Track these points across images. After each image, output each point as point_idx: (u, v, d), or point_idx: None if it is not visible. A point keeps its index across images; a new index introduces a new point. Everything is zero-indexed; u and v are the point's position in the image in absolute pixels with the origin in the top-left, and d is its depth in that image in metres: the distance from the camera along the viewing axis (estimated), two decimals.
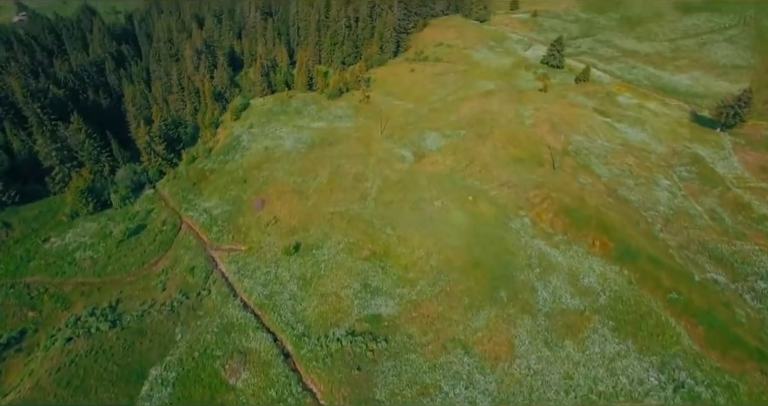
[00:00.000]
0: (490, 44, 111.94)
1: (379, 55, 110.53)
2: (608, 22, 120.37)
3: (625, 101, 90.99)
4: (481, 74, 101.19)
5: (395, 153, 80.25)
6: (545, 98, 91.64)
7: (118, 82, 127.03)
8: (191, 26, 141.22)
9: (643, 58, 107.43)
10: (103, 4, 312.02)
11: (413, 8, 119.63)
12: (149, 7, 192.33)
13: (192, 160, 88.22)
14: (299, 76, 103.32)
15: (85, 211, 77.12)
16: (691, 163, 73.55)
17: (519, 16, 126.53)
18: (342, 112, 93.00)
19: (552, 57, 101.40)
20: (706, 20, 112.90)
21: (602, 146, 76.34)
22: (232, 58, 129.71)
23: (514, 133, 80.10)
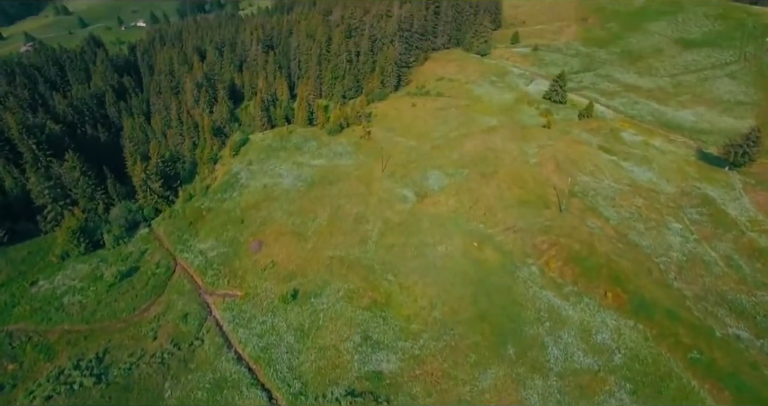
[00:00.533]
0: (492, 79, 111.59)
1: (380, 89, 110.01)
2: (609, 57, 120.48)
3: (630, 138, 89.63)
4: (484, 110, 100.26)
5: (397, 193, 78.25)
6: (549, 135, 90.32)
7: (117, 114, 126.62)
8: (192, 59, 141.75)
9: (645, 93, 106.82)
10: (108, 35, 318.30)
11: (414, 42, 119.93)
12: (152, 39, 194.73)
13: (189, 198, 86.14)
14: (299, 110, 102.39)
15: (77, 251, 74.51)
16: (701, 204, 71.43)
17: (520, 50, 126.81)
18: (342, 148, 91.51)
19: (554, 92, 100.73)
20: (706, 56, 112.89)
21: (609, 187, 74.38)
22: (232, 91, 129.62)
23: (518, 173, 78.29)
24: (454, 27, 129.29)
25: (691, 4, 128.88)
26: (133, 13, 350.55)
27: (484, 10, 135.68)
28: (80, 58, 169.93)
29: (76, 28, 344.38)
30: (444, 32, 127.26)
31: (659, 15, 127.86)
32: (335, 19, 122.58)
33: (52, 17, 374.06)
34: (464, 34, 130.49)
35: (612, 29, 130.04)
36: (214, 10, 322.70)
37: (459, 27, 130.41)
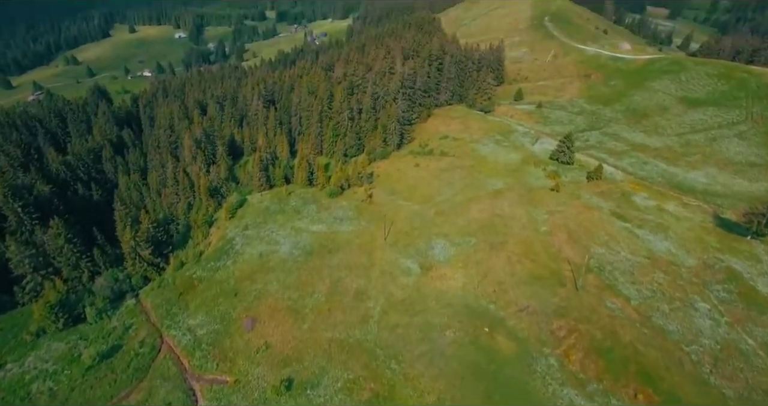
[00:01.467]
0: (497, 138, 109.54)
1: (383, 147, 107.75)
2: (614, 115, 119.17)
3: (643, 202, 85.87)
4: (489, 171, 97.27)
5: (400, 264, 73.60)
6: (558, 199, 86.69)
7: (114, 170, 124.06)
8: (193, 113, 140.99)
9: (653, 153, 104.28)
10: (114, 84, 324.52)
11: (417, 99, 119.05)
12: (155, 90, 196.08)
13: (180, 266, 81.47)
14: (299, 170, 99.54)
15: (54, 328, 69.03)
16: (727, 279, 66.52)
17: (524, 107, 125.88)
18: (343, 213, 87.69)
19: (562, 153, 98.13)
20: (712, 115, 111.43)
21: (626, 260, 69.74)
22: (232, 147, 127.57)
23: (529, 243, 73.93)
24: (457, 83, 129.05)
25: (692, 63, 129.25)
26: (140, 63, 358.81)
27: (487, 67, 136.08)
28: (82, 109, 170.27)
29: (84, 77, 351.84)
30: (447, 88, 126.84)
31: (662, 73, 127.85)
32: (337, 76, 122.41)
33: (62, 67, 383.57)
34: (467, 91, 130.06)
35: (616, 87, 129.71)
36: (218, 60, 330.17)
37: (462, 83, 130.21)
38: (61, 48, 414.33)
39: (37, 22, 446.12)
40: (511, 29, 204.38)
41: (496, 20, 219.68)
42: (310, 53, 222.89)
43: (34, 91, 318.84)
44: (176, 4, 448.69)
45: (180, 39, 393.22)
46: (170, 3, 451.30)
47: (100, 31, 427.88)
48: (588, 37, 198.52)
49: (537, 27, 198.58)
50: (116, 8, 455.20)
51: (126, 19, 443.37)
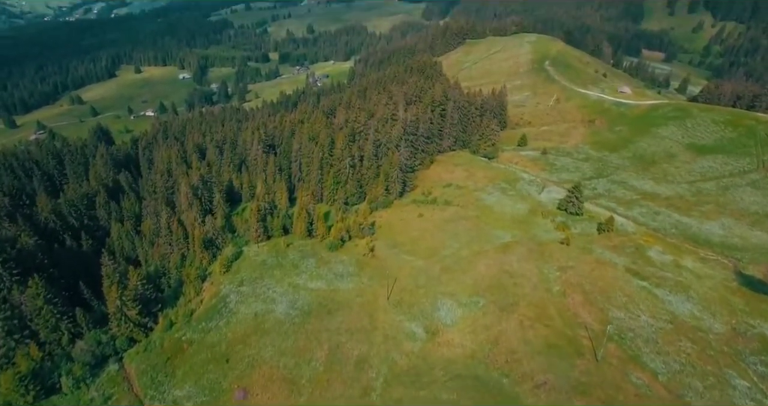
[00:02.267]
0: (502, 186, 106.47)
1: (385, 196, 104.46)
2: (621, 162, 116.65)
3: (659, 257, 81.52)
4: (496, 222, 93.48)
5: (404, 328, 68.51)
6: (569, 254, 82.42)
7: (107, 216, 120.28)
8: (192, 157, 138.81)
9: (664, 202, 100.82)
10: (116, 124, 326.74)
11: (420, 145, 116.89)
12: (156, 132, 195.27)
13: (169, 327, 76.27)
14: (298, 221, 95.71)
15: (23, 402, 63.10)
16: (763, 350, 61.26)
17: (528, 153, 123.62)
18: (343, 268, 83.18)
19: (570, 204, 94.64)
20: (722, 163, 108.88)
21: (648, 325, 64.70)
22: (230, 193, 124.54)
23: (542, 305, 69.10)
24: (460, 129, 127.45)
25: (697, 110, 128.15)
26: (143, 103, 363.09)
27: (490, 112, 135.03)
28: (80, 151, 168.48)
29: (87, 117, 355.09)
30: (450, 134, 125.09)
31: (667, 120, 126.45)
32: (339, 122, 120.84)
33: (66, 106, 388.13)
34: (470, 136, 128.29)
35: (621, 133, 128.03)
36: (220, 100, 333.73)
37: (465, 128, 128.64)
38: (67, 88, 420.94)
39: (47, 63, 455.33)
40: (512, 73, 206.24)
41: (496, 64, 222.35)
42: (312, 96, 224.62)
43: (37, 130, 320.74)
44: (181, 45, 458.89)
45: (184, 79, 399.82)
46: (176, 44, 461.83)
47: (106, 72, 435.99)
48: (588, 81, 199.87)
49: (538, 71, 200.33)
50: (123, 50, 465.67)
51: (132, 60, 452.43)
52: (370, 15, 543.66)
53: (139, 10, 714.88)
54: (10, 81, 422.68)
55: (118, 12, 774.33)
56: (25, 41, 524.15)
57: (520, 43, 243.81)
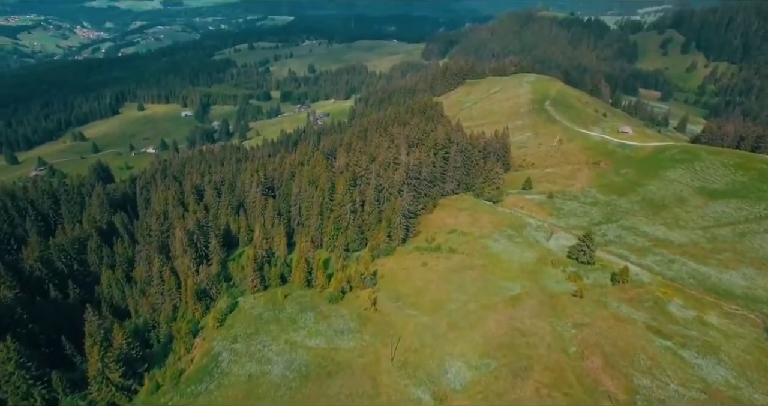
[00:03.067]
0: (509, 233, 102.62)
1: (387, 243, 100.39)
2: (630, 206, 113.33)
3: (680, 313, 76.60)
4: (504, 272, 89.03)
5: (410, 394, 62.89)
6: (583, 308, 77.57)
7: (99, 261, 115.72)
8: (189, 199, 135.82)
9: (678, 250, 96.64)
10: (117, 160, 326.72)
11: (422, 190, 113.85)
12: (155, 171, 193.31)
13: (156, 389, 70.51)
14: (297, 270, 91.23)
15: None
16: None
17: (534, 197, 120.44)
18: (344, 323, 78.08)
19: (582, 252, 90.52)
20: (735, 208, 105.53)
21: (679, 395, 59.20)
22: (227, 237, 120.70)
23: (558, 369, 63.74)
24: (463, 172, 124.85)
25: (705, 152, 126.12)
26: (145, 140, 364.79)
27: (493, 154, 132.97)
28: (77, 191, 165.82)
29: (89, 153, 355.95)
30: (453, 178, 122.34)
31: (674, 163, 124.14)
32: (339, 166, 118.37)
33: (69, 142, 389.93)
34: (474, 179, 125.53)
35: (628, 175, 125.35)
36: (222, 138, 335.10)
37: (468, 171, 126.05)
38: (71, 124, 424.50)
39: (53, 100, 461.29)
40: (513, 113, 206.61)
41: (497, 104, 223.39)
42: (312, 135, 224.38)
43: (37, 166, 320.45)
44: (185, 84, 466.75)
45: (186, 117, 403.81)
46: (179, 83, 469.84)
47: (110, 109, 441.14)
48: (589, 121, 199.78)
49: (538, 111, 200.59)
50: (127, 87, 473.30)
51: (136, 98, 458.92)
52: (370, 55, 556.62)
53: (145, 50, 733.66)
54: (15, 118, 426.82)
55: (125, 51, 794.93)
56: (33, 79, 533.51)
57: (519, 84, 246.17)
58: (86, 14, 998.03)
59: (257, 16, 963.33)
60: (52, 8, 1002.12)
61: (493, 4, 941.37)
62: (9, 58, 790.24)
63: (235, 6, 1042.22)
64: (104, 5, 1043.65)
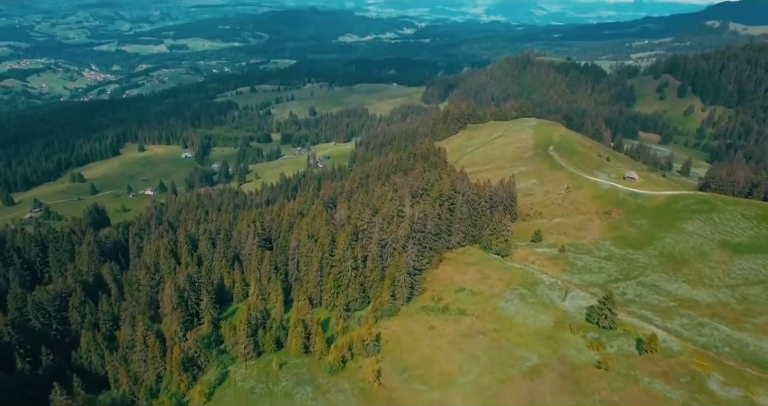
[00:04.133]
0: (521, 291, 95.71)
1: (391, 303, 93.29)
2: (648, 261, 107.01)
3: (724, 392, 68.72)
4: (518, 338, 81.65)
5: None
6: (610, 383, 69.87)
7: (81, 320, 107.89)
8: (182, 250, 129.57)
9: (706, 311, 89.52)
10: (114, 202, 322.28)
11: (428, 243, 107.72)
12: (150, 217, 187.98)
13: None
14: (294, 335, 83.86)
15: None
16: None
17: (545, 250, 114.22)
18: (345, 400, 70.24)
19: (603, 316, 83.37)
20: (764, 265, 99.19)
21: None
22: (220, 293, 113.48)
23: None
24: (470, 223, 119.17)
25: (722, 203, 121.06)
26: (144, 182, 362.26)
27: (500, 204, 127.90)
28: (66, 238, 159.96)
29: (86, 195, 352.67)
30: (459, 230, 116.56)
31: (691, 213, 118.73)
32: (340, 218, 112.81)
33: (67, 183, 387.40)
34: (480, 231, 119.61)
35: (642, 227, 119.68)
36: (221, 180, 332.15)
37: (474, 222, 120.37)
38: (71, 165, 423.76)
39: (54, 141, 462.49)
40: (516, 158, 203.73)
41: (499, 149, 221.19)
42: (312, 180, 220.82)
43: (33, 208, 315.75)
44: (186, 125, 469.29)
45: (186, 158, 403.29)
46: (180, 124, 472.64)
47: (110, 150, 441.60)
48: (593, 166, 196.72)
49: (542, 156, 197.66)
50: (129, 128, 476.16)
51: (137, 139, 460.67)
52: (370, 98, 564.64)
53: (149, 91, 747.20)
54: (16, 158, 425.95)
55: (129, 93, 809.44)
56: (38, 120, 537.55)
57: (521, 128, 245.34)
58: (95, 57, 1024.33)
59: (260, 59, 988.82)
60: (63, 52, 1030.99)
61: (489, 49, 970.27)
62: (17, 100, 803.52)
63: (239, 50, 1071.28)
64: (112, 49, 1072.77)
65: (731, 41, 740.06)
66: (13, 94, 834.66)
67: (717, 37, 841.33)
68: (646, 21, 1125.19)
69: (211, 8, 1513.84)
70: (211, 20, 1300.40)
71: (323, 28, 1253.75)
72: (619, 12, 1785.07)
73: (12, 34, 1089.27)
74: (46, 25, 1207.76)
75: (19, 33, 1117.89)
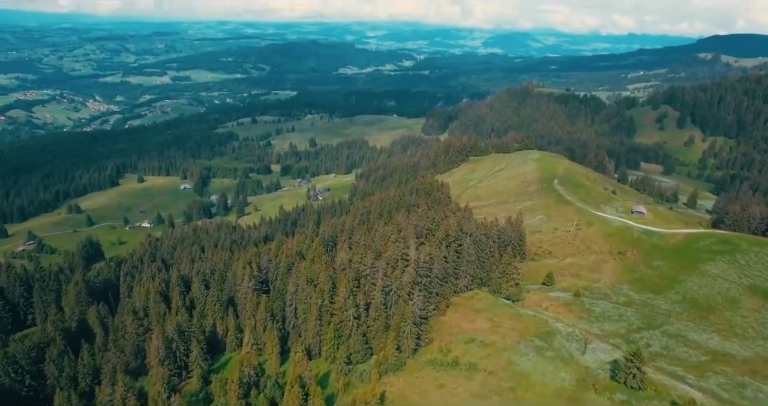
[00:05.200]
0: (536, 343, 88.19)
1: (396, 356, 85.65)
2: (671, 307, 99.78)
3: None
4: (538, 400, 73.90)
5: None
6: None
7: (58, 374, 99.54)
8: (174, 292, 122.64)
9: (744, 368, 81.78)
10: (110, 235, 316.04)
11: (434, 288, 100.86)
12: (144, 253, 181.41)
13: None
14: (290, 395, 76.06)
15: None
16: None
17: (558, 295, 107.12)
18: None
19: (630, 375, 75.72)
20: None
21: None
22: (212, 341, 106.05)
23: None
24: (478, 265, 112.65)
25: (745, 243, 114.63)
26: (141, 213, 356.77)
27: (509, 244, 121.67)
28: (53, 278, 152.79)
29: (83, 226, 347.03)
30: (466, 273, 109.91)
31: (713, 254, 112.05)
32: (341, 261, 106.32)
33: (64, 214, 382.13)
34: (489, 273, 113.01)
35: (661, 269, 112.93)
36: (219, 213, 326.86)
37: (482, 264, 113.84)
38: (69, 196, 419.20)
39: (54, 171, 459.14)
40: (521, 192, 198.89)
41: (503, 182, 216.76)
42: (312, 214, 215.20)
43: (26, 240, 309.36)
44: (186, 156, 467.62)
45: (185, 190, 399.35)
46: (181, 155, 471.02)
47: (109, 181, 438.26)
48: (600, 200, 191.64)
49: (548, 190, 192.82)
50: (129, 159, 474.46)
51: (137, 170, 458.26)
52: (371, 129, 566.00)
53: (151, 122, 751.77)
54: (14, 189, 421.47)
55: (132, 123, 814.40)
56: (39, 150, 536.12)
57: (524, 161, 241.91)
58: (99, 88, 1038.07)
59: (262, 90, 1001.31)
60: (69, 84, 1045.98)
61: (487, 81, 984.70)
62: (21, 130, 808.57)
63: (241, 81, 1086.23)
64: (117, 80, 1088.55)
65: (724, 72, 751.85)
66: (18, 124, 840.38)
67: (710, 68, 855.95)
68: (640, 53, 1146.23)
69: (214, 41, 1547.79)
70: (214, 53, 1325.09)
71: (324, 60, 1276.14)
72: (613, 44, 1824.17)
73: (21, 67, 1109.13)
74: (54, 58, 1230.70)
75: (28, 65, 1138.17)
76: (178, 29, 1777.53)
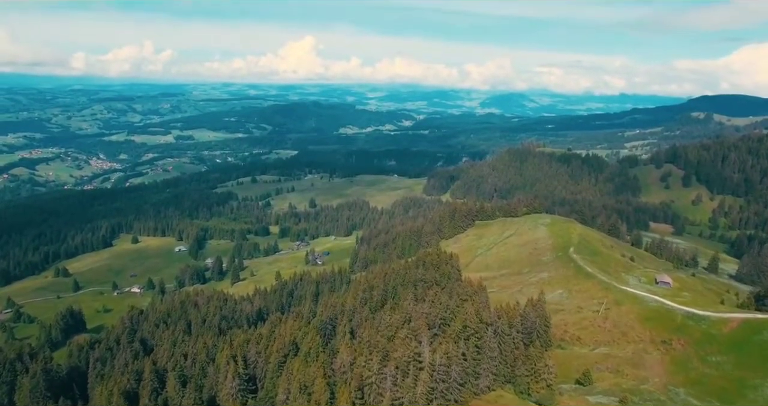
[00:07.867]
0: None
1: None
2: None
3: None
4: None
5: None
6: None
7: None
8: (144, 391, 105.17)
9: None
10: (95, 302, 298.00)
11: (452, 395, 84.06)
12: (120, 334, 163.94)
13: None
14: None
15: None
16: None
17: (600, 400, 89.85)
18: None
19: None
20: None
21: None
22: None
23: None
24: (500, 360, 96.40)
25: None
26: (131, 277, 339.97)
27: (533, 331, 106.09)
28: (9, 367, 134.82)
29: (68, 292, 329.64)
30: (488, 371, 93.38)
31: None
32: (341, 364, 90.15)
33: (50, 278, 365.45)
34: (513, 369, 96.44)
35: (723, 368, 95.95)
36: (214, 278, 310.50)
37: (505, 359, 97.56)
38: (59, 257, 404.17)
39: (47, 231, 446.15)
40: (534, 262, 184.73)
41: (514, 250, 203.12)
42: (310, 284, 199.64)
43: (4, 308, 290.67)
44: (183, 216, 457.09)
45: (179, 252, 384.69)
46: (178, 215, 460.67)
47: (102, 242, 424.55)
48: (620, 268, 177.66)
49: (564, 260, 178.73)
50: (125, 219, 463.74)
51: (132, 230, 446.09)
52: (371, 190, 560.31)
53: (152, 180, 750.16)
54: (2, 250, 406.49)
55: (132, 181, 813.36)
56: (35, 209, 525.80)
57: (534, 226, 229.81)
58: (104, 147, 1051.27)
59: (263, 150, 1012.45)
60: (74, 142, 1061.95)
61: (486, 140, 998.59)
62: (22, 188, 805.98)
63: (243, 141, 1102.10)
64: (121, 139, 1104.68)
65: (719, 131, 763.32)
66: (19, 182, 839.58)
67: (704, 127, 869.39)
68: (634, 112, 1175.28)
69: (218, 102, 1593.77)
70: (218, 113, 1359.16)
71: (325, 120, 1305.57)
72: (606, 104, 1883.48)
73: (30, 126, 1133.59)
74: (63, 118, 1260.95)
75: (37, 125, 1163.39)
76: (184, 90, 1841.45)
